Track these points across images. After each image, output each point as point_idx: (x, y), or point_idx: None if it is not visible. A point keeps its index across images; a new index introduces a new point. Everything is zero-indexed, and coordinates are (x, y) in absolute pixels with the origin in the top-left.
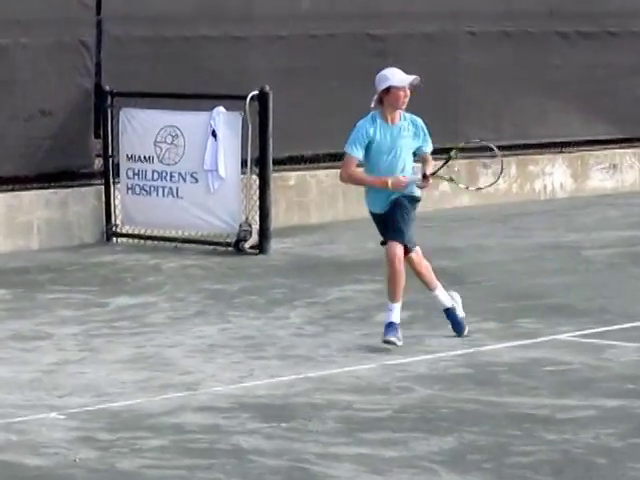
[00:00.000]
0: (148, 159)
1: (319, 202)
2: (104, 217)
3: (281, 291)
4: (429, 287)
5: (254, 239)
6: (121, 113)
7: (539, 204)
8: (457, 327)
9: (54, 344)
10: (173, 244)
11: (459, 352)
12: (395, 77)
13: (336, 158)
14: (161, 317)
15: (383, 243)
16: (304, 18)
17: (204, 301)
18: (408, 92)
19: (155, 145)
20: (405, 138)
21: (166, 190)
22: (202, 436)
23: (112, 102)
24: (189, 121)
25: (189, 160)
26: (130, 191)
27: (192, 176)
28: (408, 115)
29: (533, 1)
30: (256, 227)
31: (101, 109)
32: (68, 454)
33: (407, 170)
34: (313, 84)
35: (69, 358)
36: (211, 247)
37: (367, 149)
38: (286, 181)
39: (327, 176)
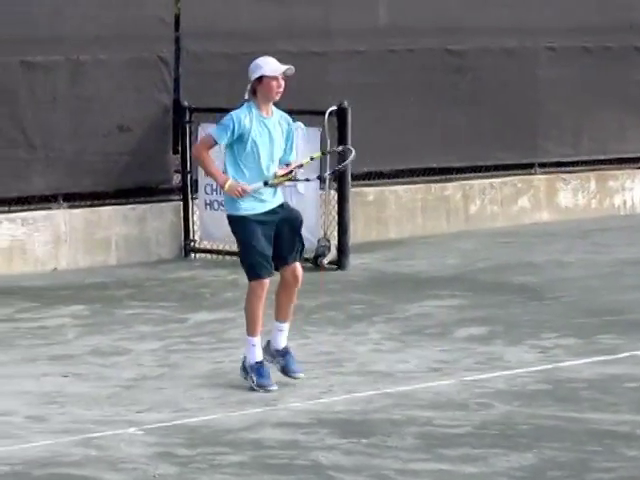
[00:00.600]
0: None
1: (398, 217)
2: (182, 233)
3: (360, 307)
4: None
5: (333, 255)
6: (199, 129)
7: (619, 220)
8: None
9: (133, 359)
10: None
11: (538, 368)
12: (268, 66)
13: (415, 173)
14: (239, 332)
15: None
16: (382, 33)
17: None
18: (282, 82)
19: None
20: (278, 132)
21: None
22: (281, 452)
23: (190, 118)
24: None
25: None
26: (208, 207)
27: None
28: (283, 113)
29: (613, 16)
30: (334, 243)
31: (179, 125)
32: (147, 469)
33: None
34: (391, 99)
35: (148, 374)
36: None
37: (242, 141)
38: (365, 196)
39: (406, 191)
